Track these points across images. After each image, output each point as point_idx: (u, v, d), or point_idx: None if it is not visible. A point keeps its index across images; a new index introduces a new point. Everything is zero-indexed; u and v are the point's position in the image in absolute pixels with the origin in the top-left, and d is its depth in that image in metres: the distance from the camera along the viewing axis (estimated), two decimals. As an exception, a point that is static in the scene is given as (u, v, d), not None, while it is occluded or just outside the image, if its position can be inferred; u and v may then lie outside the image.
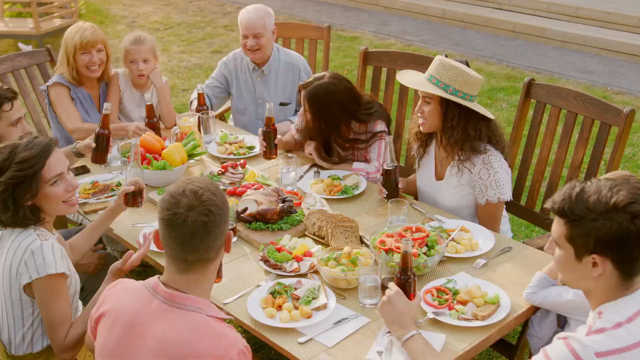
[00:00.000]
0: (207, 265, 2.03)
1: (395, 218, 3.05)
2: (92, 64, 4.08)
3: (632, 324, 1.85)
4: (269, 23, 4.30)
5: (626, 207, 1.83)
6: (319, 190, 3.42)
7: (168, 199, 1.98)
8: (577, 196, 1.89)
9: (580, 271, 1.93)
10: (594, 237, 1.85)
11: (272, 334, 2.48)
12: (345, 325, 2.51)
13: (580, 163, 3.61)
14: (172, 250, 1.99)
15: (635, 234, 1.83)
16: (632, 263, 1.89)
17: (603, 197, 1.85)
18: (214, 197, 1.98)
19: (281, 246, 2.91)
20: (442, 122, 3.16)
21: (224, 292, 2.72)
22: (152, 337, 1.93)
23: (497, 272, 2.81)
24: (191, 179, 2.04)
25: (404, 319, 2.28)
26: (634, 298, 1.90)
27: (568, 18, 8.61)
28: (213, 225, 1.96)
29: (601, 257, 1.87)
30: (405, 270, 2.42)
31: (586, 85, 7.28)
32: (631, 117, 3.42)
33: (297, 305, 2.57)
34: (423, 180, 3.43)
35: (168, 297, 1.97)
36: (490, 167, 3.13)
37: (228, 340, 1.93)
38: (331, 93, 3.51)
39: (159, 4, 11.21)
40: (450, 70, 3.07)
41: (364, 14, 10.13)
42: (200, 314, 1.96)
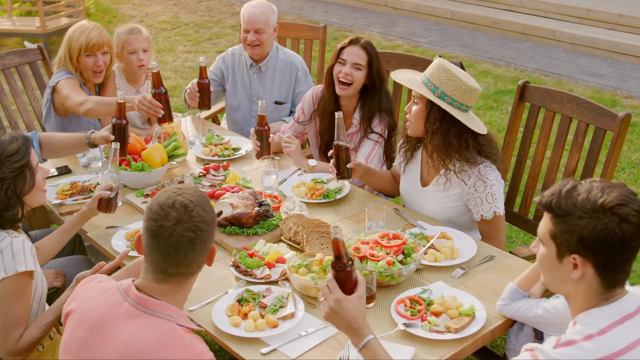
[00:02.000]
0: (187, 279, 2.00)
1: (374, 224, 2.94)
2: (97, 67, 3.98)
3: (604, 337, 1.74)
4: (272, 20, 4.22)
5: (614, 208, 1.74)
6: (300, 193, 3.32)
7: (157, 210, 1.92)
8: (567, 192, 1.81)
9: (561, 272, 1.84)
10: (577, 236, 1.76)
11: (235, 343, 2.39)
12: (312, 335, 2.41)
13: (574, 168, 3.49)
14: (153, 260, 1.94)
15: (620, 238, 1.74)
16: (614, 270, 1.78)
17: (592, 196, 1.77)
18: (203, 214, 1.94)
19: (254, 252, 2.81)
20: (425, 124, 3.04)
21: (191, 298, 2.62)
22: (118, 340, 1.88)
23: (477, 282, 2.69)
24: (182, 189, 1.98)
25: (355, 324, 2.01)
26: (611, 309, 1.79)
27: (579, 20, 8.44)
28: (199, 241, 1.93)
29: (582, 258, 1.78)
30: (340, 258, 2.04)
31: (595, 89, 7.11)
32: (626, 122, 3.29)
33: (264, 313, 2.48)
34: (407, 185, 3.31)
35: (139, 301, 1.92)
36: (486, 179, 2.99)
37: (194, 351, 1.87)
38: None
39: (168, 3, 11.18)
40: (444, 73, 2.94)
41: (373, 15, 10.02)
42: (170, 322, 1.90)
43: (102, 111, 3.84)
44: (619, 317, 1.77)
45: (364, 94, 3.63)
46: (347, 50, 3.59)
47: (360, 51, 3.56)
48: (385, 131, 3.64)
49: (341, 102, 3.69)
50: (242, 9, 4.27)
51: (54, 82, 4.01)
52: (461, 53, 8.28)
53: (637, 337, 1.75)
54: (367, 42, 3.61)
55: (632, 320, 1.77)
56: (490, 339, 2.46)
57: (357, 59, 3.55)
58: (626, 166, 5.59)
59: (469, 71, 7.64)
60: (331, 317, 2.05)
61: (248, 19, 4.18)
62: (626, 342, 1.73)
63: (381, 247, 2.69)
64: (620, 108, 6.63)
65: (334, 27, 9.60)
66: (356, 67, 3.55)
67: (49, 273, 3.09)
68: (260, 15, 4.16)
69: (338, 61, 3.60)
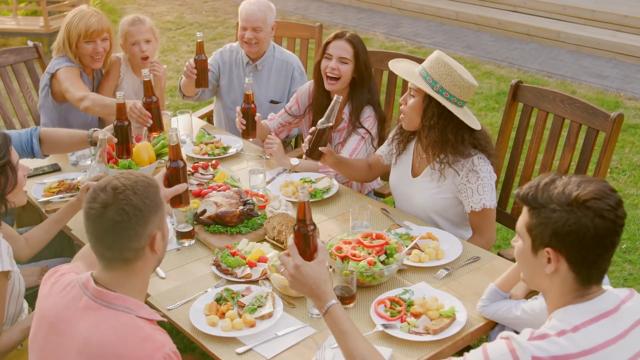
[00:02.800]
0: (127, 265, 1.92)
1: (358, 223, 2.91)
2: (96, 54, 3.92)
3: (577, 334, 1.71)
4: (270, 18, 4.19)
5: (588, 202, 1.70)
6: (287, 193, 3.29)
7: (91, 192, 1.91)
8: (544, 185, 1.78)
9: (536, 266, 1.80)
10: (550, 229, 1.73)
11: (211, 342, 2.36)
12: (289, 336, 2.38)
13: (567, 169, 3.44)
14: (91, 243, 1.93)
15: (592, 233, 1.70)
16: (588, 267, 1.75)
17: (568, 189, 1.74)
18: (133, 198, 1.87)
19: (236, 250, 2.78)
20: (422, 119, 3.00)
21: (171, 296, 2.61)
22: (78, 335, 1.86)
23: (460, 284, 2.65)
24: (125, 173, 1.94)
25: (317, 289, 1.99)
26: (586, 306, 1.75)
27: (584, 21, 8.36)
28: (126, 226, 1.86)
29: (555, 252, 1.75)
30: (304, 221, 2.02)
31: (598, 90, 7.05)
32: (619, 122, 3.24)
33: (242, 313, 2.45)
34: (398, 176, 3.26)
35: (97, 294, 1.89)
36: (479, 170, 2.95)
37: (154, 343, 1.83)
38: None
39: (173, 3, 11.19)
40: (443, 67, 2.89)
41: (377, 16, 9.98)
42: (128, 315, 1.87)
43: (100, 111, 3.82)
44: (594, 315, 1.73)
45: (353, 87, 3.60)
46: (332, 44, 3.57)
47: (345, 45, 3.53)
48: (375, 124, 3.61)
49: (331, 97, 3.67)
50: (241, 6, 4.23)
51: (53, 68, 3.96)
52: (464, 54, 8.23)
53: (611, 336, 1.71)
54: (353, 35, 3.59)
55: (607, 319, 1.73)
56: (470, 341, 2.42)
57: (343, 52, 3.53)
58: (627, 168, 5.53)
59: (472, 72, 7.60)
60: (293, 284, 2.03)
61: (246, 16, 4.15)
62: (599, 340, 1.70)
63: (363, 247, 2.66)
64: (623, 110, 6.56)
65: (338, 28, 9.54)
66: (342, 61, 3.53)
67: (35, 271, 3.07)
68: (259, 14, 4.12)
69: (325, 56, 3.59)
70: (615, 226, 1.72)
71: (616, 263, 4.41)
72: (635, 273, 4.31)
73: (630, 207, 5.01)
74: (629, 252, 4.52)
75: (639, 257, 4.47)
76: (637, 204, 5.05)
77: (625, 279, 4.26)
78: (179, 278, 2.73)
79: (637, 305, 1.79)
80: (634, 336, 1.73)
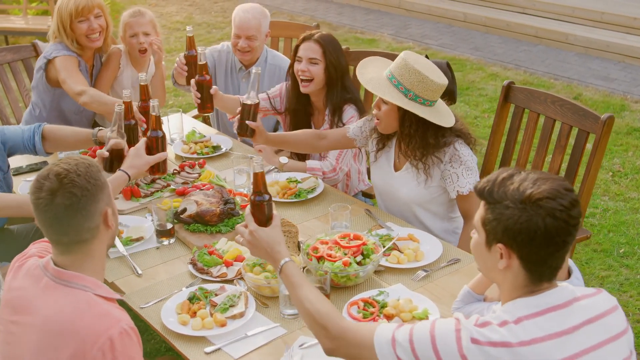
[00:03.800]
0: (85, 246, 1.96)
1: (338, 224, 2.88)
2: (91, 32, 3.85)
3: (518, 326, 1.69)
4: (264, 25, 4.10)
5: (540, 201, 1.68)
6: (272, 192, 3.26)
7: (34, 183, 1.94)
8: (501, 180, 1.76)
9: (489, 260, 1.80)
10: (503, 226, 1.71)
11: (181, 341, 2.35)
12: (259, 336, 2.36)
13: (557, 172, 3.40)
14: (45, 232, 1.96)
15: (543, 231, 1.68)
16: (539, 264, 1.73)
17: (523, 186, 1.71)
18: (77, 179, 1.91)
19: (214, 249, 2.77)
20: (399, 127, 2.98)
21: (145, 295, 2.60)
22: (38, 314, 1.90)
23: (438, 286, 2.62)
24: (65, 159, 1.97)
25: (271, 251, 2.14)
26: (533, 300, 1.74)
27: (593, 23, 8.26)
28: (78, 207, 1.90)
29: (507, 248, 1.73)
30: (259, 192, 2.20)
31: (605, 93, 6.96)
32: (609, 124, 3.19)
33: (213, 312, 2.43)
34: (380, 172, 3.22)
35: (56, 274, 1.94)
36: (461, 154, 2.95)
37: (110, 318, 1.87)
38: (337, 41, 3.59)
39: (183, 4, 11.22)
40: (414, 74, 2.85)
41: (386, 17, 9.94)
42: (86, 292, 1.91)
43: (97, 108, 3.82)
44: (540, 309, 1.71)
45: (329, 87, 3.57)
46: (301, 47, 3.55)
47: (313, 45, 3.51)
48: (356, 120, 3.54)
49: (311, 99, 3.64)
50: (234, 12, 4.12)
51: (50, 54, 3.90)
52: (471, 55, 8.17)
53: (554, 330, 1.69)
54: (322, 35, 3.56)
55: (554, 313, 1.71)
56: (443, 344, 2.38)
57: (312, 53, 3.50)
58: (629, 172, 5.45)
59: (478, 74, 7.55)
60: (251, 250, 2.20)
61: (240, 24, 4.04)
62: (540, 333, 1.68)
63: (339, 248, 2.63)
64: (629, 112, 6.48)
65: (346, 29, 9.54)
66: (312, 62, 3.51)
67: None
68: (253, 21, 4.02)
69: (296, 59, 3.56)
70: (567, 226, 1.69)
71: (612, 268, 4.35)
72: (631, 278, 4.24)
73: (630, 211, 4.94)
74: (626, 257, 4.45)
75: (636, 262, 4.40)
76: (638, 208, 4.98)
77: (621, 284, 4.20)
78: (156, 277, 2.72)
79: (596, 303, 1.77)
80: (584, 333, 1.71)
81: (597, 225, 4.80)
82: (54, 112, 4.04)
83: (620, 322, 1.78)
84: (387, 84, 2.94)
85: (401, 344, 1.75)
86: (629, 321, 3.81)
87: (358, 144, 3.31)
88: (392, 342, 1.77)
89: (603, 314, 1.75)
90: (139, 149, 2.92)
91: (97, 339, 1.81)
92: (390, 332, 1.79)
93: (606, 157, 5.65)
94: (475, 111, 6.64)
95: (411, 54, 2.94)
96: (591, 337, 1.71)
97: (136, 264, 2.78)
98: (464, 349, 1.67)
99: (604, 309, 1.76)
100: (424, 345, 1.72)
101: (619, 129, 6.14)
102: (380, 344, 1.79)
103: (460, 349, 1.68)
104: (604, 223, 4.81)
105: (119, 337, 1.82)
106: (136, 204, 3.20)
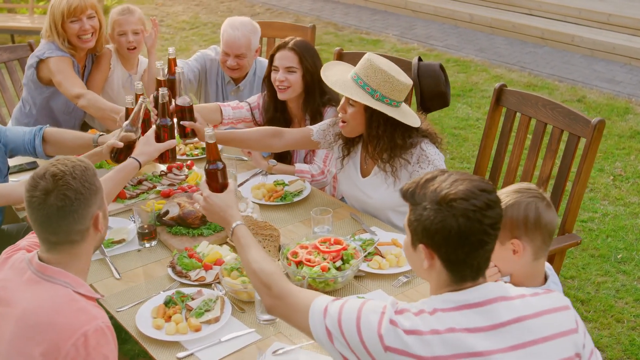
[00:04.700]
0: (73, 247, 1.98)
1: (320, 228, 2.85)
2: (83, 32, 3.79)
3: (433, 316, 1.71)
4: (254, 42, 3.96)
5: (454, 201, 1.70)
6: (258, 195, 3.24)
7: (30, 180, 1.96)
8: (424, 182, 1.79)
9: (417, 260, 1.82)
10: (422, 226, 1.75)
11: (154, 346, 2.32)
12: (233, 341, 2.33)
13: (548, 176, 3.34)
14: (35, 230, 1.98)
15: (457, 232, 1.70)
16: (458, 264, 1.75)
17: (441, 188, 1.74)
18: (73, 182, 1.92)
19: (194, 253, 2.75)
20: (367, 129, 2.94)
21: (123, 298, 2.58)
22: (18, 306, 1.92)
23: (418, 292, 2.59)
24: (62, 159, 1.98)
25: (224, 215, 2.24)
26: (454, 296, 1.74)
27: (599, 25, 8.19)
28: (70, 209, 1.92)
29: (428, 249, 1.76)
30: (212, 161, 2.33)
31: (609, 96, 6.88)
32: (600, 129, 3.13)
33: (188, 317, 2.41)
34: (347, 179, 3.19)
35: (39, 269, 1.96)
36: (429, 154, 2.92)
37: (87, 315, 1.88)
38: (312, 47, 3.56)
39: (189, 3, 11.23)
40: (379, 74, 2.82)
41: (391, 18, 9.90)
42: (66, 288, 1.93)
43: (94, 113, 3.80)
44: (458, 304, 1.73)
45: (307, 93, 3.52)
46: (277, 56, 3.50)
47: (289, 54, 3.47)
48: None
49: (289, 106, 3.61)
50: (223, 27, 3.92)
51: (43, 54, 3.85)
52: (476, 57, 8.11)
53: (470, 326, 1.69)
54: (296, 42, 3.50)
55: (472, 310, 1.72)
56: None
57: (287, 62, 3.46)
58: (631, 176, 5.38)
59: (481, 75, 7.49)
60: (207, 215, 2.30)
61: (229, 42, 3.88)
62: (454, 325, 1.69)
63: (318, 252, 2.60)
64: (633, 116, 6.41)
65: (351, 29, 9.51)
66: (289, 71, 3.47)
67: None
68: (242, 40, 3.87)
69: (272, 69, 3.52)
70: (481, 226, 1.71)
71: (609, 273, 4.29)
72: (628, 284, 4.18)
73: (630, 215, 4.87)
74: (624, 262, 4.39)
75: (634, 268, 4.34)
76: (638, 212, 4.91)
77: (617, 290, 4.14)
78: (135, 279, 2.70)
79: (535, 303, 1.77)
80: (505, 332, 1.71)
81: (595, 229, 4.73)
82: (43, 111, 4.03)
83: (566, 322, 1.79)
84: (353, 84, 2.90)
85: (331, 315, 1.81)
86: (624, 328, 3.78)
87: (322, 147, 3.27)
88: (324, 312, 1.83)
89: (542, 313, 1.76)
90: (149, 137, 2.90)
91: (72, 334, 1.82)
92: (325, 303, 1.85)
93: (607, 161, 5.59)
94: (477, 113, 6.58)
95: (375, 55, 2.91)
96: (521, 334, 1.71)
97: (116, 267, 2.76)
98: (382, 329, 1.72)
99: (543, 308, 1.77)
100: (350, 321, 1.77)
101: (622, 132, 6.07)
102: (313, 311, 1.85)
103: (379, 329, 1.72)
104: (603, 228, 4.75)
105: (93, 334, 1.84)
106: (121, 205, 3.19)
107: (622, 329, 3.83)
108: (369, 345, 1.73)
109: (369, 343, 1.72)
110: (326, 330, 1.80)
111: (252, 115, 3.70)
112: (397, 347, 1.69)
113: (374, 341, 1.72)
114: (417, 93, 3.86)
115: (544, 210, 2.09)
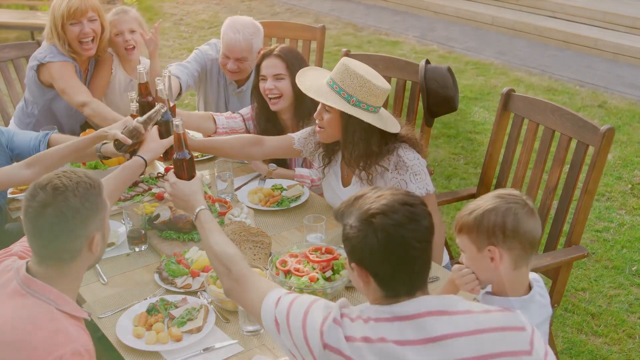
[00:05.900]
0: (61, 265, 1.90)
1: (313, 236, 2.76)
2: (83, 36, 3.68)
3: (367, 324, 1.70)
4: (256, 44, 3.82)
5: (372, 217, 1.68)
6: (254, 200, 3.17)
7: (30, 189, 1.88)
8: (353, 200, 1.77)
9: (355, 278, 1.79)
10: (349, 245, 1.73)
11: (133, 356, 2.25)
12: (214, 352, 2.26)
13: (555, 186, 3.22)
14: (28, 239, 1.91)
15: (378, 248, 1.67)
16: (388, 280, 1.72)
17: (364, 205, 1.71)
18: (72, 199, 1.85)
19: (182, 258, 2.68)
20: (343, 135, 2.84)
21: (107, 304, 2.52)
22: None
23: (410, 305, 2.48)
24: (68, 171, 1.90)
25: (188, 201, 2.30)
26: (386, 308, 1.71)
27: (624, 29, 7.99)
28: (65, 228, 1.84)
29: (359, 267, 1.73)
30: (181, 151, 2.40)
31: (631, 101, 6.71)
32: (609, 137, 3.00)
33: (170, 325, 2.34)
34: (329, 190, 3.10)
35: (25, 281, 1.88)
36: (406, 159, 2.82)
37: (65, 337, 1.79)
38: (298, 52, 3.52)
39: (210, 2, 11.21)
40: (355, 79, 2.71)
41: (412, 19, 9.78)
42: (49, 306, 1.85)
43: (99, 123, 3.73)
44: (390, 315, 1.70)
45: (296, 99, 3.41)
46: (263, 64, 3.40)
47: (275, 61, 3.37)
48: None
49: (280, 115, 3.51)
50: (223, 29, 3.78)
51: (44, 58, 3.77)
52: (496, 60, 7.96)
53: (398, 338, 1.66)
54: (281, 48, 3.41)
55: (402, 322, 1.68)
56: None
57: (275, 70, 3.37)
58: (644, 184, 5.21)
59: (500, 79, 7.35)
60: (173, 201, 2.36)
61: (229, 46, 3.75)
62: (384, 335, 1.67)
63: (308, 262, 2.52)
64: (654, 123, 6.23)
65: (371, 30, 9.41)
66: (278, 78, 3.37)
67: None
68: (243, 43, 3.73)
69: (260, 78, 3.42)
70: (404, 240, 1.66)
71: (623, 286, 4.14)
72: (626, 292, 4.04)
73: (647, 227, 4.72)
74: (638, 275, 4.24)
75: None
76: (655, 223, 4.76)
77: (630, 304, 3.99)
78: (122, 284, 2.64)
79: (471, 321, 1.68)
80: (437, 347, 1.65)
81: (610, 240, 4.59)
82: (45, 112, 3.99)
83: (517, 343, 1.69)
84: (328, 90, 2.80)
85: (281, 307, 1.81)
86: (635, 344, 3.64)
87: (304, 155, 3.17)
88: (277, 302, 1.83)
89: (487, 330, 1.68)
90: (153, 134, 2.83)
91: (47, 356, 1.74)
92: (280, 294, 1.86)
93: (626, 169, 5.43)
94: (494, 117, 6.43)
95: (351, 59, 2.82)
96: (455, 350, 1.65)
97: (104, 271, 2.70)
98: (325, 326, 1.71)
99: (491, 326, 1.68)
100: (297, 315, 1.77)
101: (642, 140, 5.90)
102: (267, 300, 1.86)
103: (322, 326, 1.71)
104: (618, 238, 4.60)
105: (70, 358, 1.74)
106: (115, 207, 3.13)
107: (633, 344, 3.68)
108: (310, 341, 1.72)
109: (311, 338, 1.72)
110: (275, 319, 1.81)
111: (245, 126, 3.59)
112: (334, 345, 1.68)
113: (315, 337, 1.71)
114: (423, 97, 3.76)
115: (524, 217, 1.96)
